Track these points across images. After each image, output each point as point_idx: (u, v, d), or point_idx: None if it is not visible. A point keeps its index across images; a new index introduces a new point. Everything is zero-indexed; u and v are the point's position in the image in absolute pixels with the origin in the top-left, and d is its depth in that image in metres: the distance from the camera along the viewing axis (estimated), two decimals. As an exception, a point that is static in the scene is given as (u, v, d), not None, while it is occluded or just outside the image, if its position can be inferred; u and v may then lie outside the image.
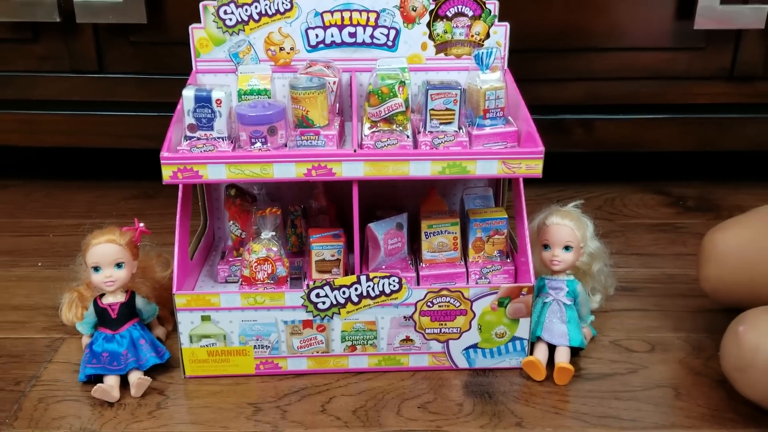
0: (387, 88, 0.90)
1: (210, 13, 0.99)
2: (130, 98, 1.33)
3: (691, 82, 1.29)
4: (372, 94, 0.91)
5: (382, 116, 0.91)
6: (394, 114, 0.91)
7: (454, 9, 0.99)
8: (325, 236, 0.93)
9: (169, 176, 0.85)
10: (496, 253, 0.98)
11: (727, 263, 0.95)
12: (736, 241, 0.95)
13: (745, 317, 0.84)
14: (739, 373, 0.82)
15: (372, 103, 0.91)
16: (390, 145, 0.89)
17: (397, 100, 0.90)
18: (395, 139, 0.90)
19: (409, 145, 0.90)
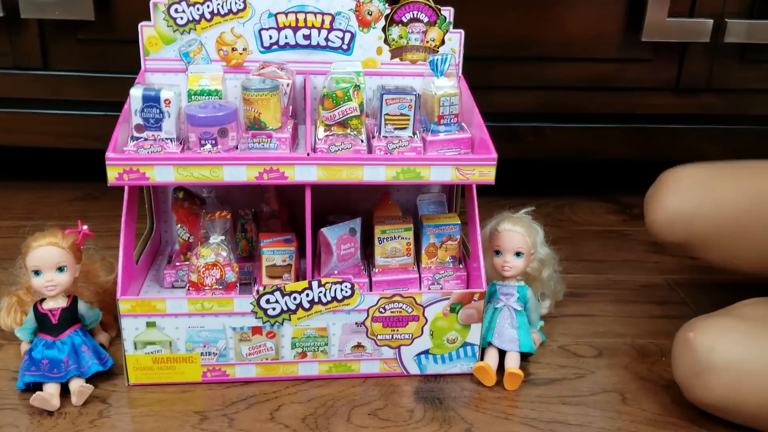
0: (342, 91, 0.90)
1: (160, 11, 0.97)
2: (76, 97, 1.29)
3: (638, 92, 1.32)
4: (326, 98, 0.90)
5: (336, 120, 0.90)
6: (349, 118, 0.90)
7: (409, 14, 0.99)
8: (276, 241, 0.92)
9: (114, 178, 0.83)
10: (449, 258, 0.98)
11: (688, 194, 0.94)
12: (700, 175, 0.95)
13: (693, 324, 0.84)
14: (695, 379, 0.82)
15: (326, 107, 0.90)
16: (344, 150, 0.89)
17: (351, 104, 0.90)
18: (349, 144, 0.89)
19: (363, 150, 0.89)
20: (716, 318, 0.85)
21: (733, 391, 0.80)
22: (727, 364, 0.79)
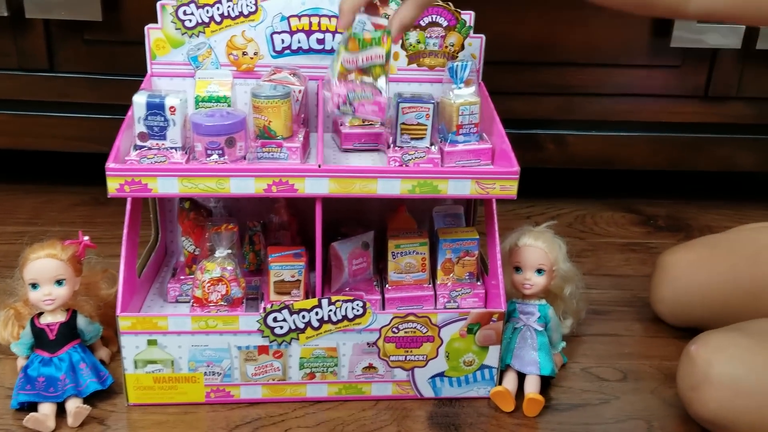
0: (370, 35, 0.79)
1: (168, 13, 0.93)
2: (82, 99, 1.25)
3: (665, 100, 1.27)
4: (352, 38, 0.79)
5: (358, 65, 0.80)
6: (372, 65, 0.80)
7: (428, 18, 0.94)
8: (285, 255, 0.88)
9: (115, 189, 0.79)
10: (466, 275, 0.93)
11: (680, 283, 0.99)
12: (686, 262, 1.00)
13: (699, 337, 0.84)
14: (693, 392, 0.81)
15: (350, 48, 0.79)
16: (365, 99, 0.80)
17: (378, 49, 0.79)
18: (370, 92, 0.80)
19: (383, 102, 0.81)
20: (720, 333, 0.84)
21: (728, 408, 0.79)
22: (723, 380, 0.79)
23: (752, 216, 1.38)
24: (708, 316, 0.98)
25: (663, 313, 1.03)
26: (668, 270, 1.01)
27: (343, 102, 0.80)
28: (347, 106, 0.80)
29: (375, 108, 0.81)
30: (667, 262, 1.02)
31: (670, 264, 1.01)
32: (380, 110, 0.81)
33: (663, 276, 1.01)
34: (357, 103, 0.80)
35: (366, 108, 0.80)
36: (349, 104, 0.80)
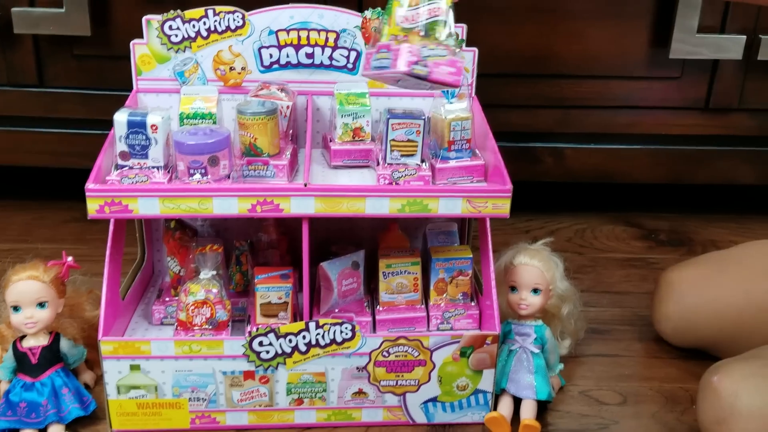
0: None
1: (154, 28, 0.91)
2: (72, 114, 1.23)
3: (665, 112, 1.24)
4: None
5: (420, 22, 0.67)
6: (435, 22, 0.67)
7: (419, 30, 0.92)
8: (271, 276, 0.85)
9: (95, 210, 0.77)
10: (460, 295, 0.91)
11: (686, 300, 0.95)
12: (693, 279, 0.96)
13: (719, 367, 0.80)
14: (719, 426, 0.77)
15: (411, 3, 0.66)
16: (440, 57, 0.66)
17: (441, 2, 0.66)
18: (444, 51, 0.66)
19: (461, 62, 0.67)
20: (741, 362, 0.80)
21: None
22: (752, 411, 0.75)
23: (755, 229, 1.35)
24: (716, 336, 0.94)
25: (666, 332, 0.99)
26: (673, 287, 0.97)
27: (415, 61, 0.65)
28: (422, 67, 0.66)
29: (453, 69, 0.67)
30: (672, 278, 0.97)
31: (676, 280, 0.97)
32: (458, 72, 0.67)
33: (668, 293, 0.97)
34: (432, 62, 0.66)
35: (442, 69, 0.66)
36: (423, 64, 0.66)
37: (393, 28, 0.67)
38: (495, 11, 1.15)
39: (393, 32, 0.67)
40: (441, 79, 0.67)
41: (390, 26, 0.68)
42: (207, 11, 0.91)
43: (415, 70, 0.66)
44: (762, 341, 0.88)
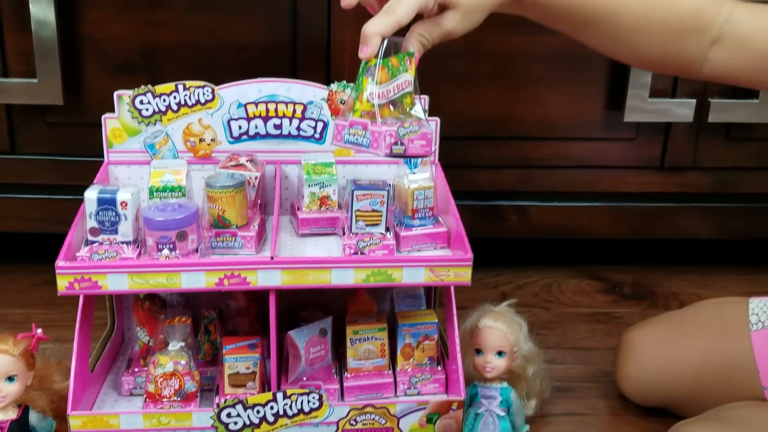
0: (397, 60, 0.69)
1: (125, 103, 0.94)
2: (44, 181, 1.24)
3: (623, 171, 1.29)
4: (383, 67, 0.69)
5: (390, 97, 0.71)
6: (403, 95, 0.71)
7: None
8: (239, 347, 0.86)
9: (64, 287, 0.78)
10: (426, 360, 0.92)
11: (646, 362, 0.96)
12: (652, 339, 0.97)
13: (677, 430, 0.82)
14: None
15: (381, 79, 0.69)
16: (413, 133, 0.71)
17: (407, 76, 0.70)
18: (416, 126, 0.71)
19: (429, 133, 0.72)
20: (700, 424, 0.82)
21: None
22: None
23: (717, 281, 1.39)
24: (676, 396, 0.96)
25: (628, 391, 1.00)
26: (634, 347, 0.99)
27: (394, 142, 0.70)
28: (399, 146, 0.70)
29: (423, 142, 0.72)
30: (633, 339, 1.00)
31: (636, 341, 0.99)
32: (428, 144, 0.73)
33: (628, 353, 0.99)
34: (407, 140, 0.71)
35: (415, 144, 0.71)
36: (400, 143, 0.70)
37: (364, 104, 0.71)
38: (456, 78, 1.20)
39: (364, 108, 0.71)
40: (415, 153, 0.73)
41: (361, 102, 0.71)
42: (177, 86, 0.94)
43: (394, 150, 0.71)
44: (721, 401, 0.90)
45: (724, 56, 0.72)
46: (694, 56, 0.73)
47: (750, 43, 0.71)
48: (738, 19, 0.72)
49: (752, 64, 0.72)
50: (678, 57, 0.74)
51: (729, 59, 0.72)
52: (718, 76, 0.75)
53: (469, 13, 0.69)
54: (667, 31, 0.73)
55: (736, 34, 0.71)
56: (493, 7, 0.72)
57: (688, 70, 0.75)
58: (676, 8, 0.73)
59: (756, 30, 0.71)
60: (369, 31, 0.66)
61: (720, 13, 0.72)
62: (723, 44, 0.72)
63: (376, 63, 0.69)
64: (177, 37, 1.12)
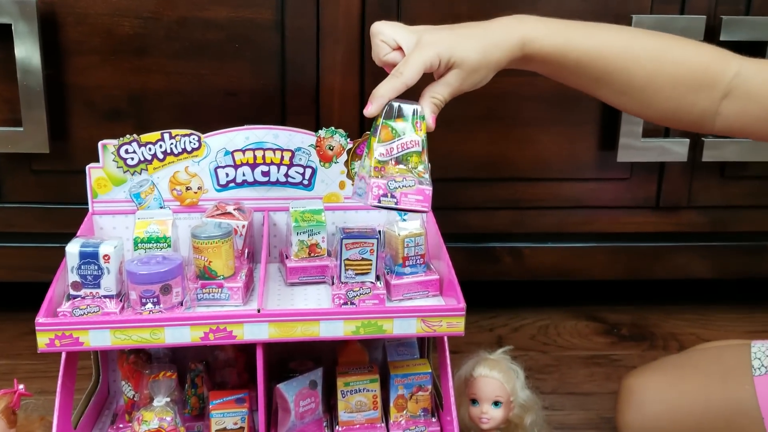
0: (403, 121, 0.73)
1: (110, 152, 0.92)
2: (30, 229, 1.22)
3: (618, 211, 1.27)
4: (384, 127, 0.74)
5: (394, 155, 0.74)
6: (408, 153, 0.75)
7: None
8: (227, 401, 0.84)
9: (45, 344, 0.76)
10: (420, 411, 0.90)
11: (647, 408, 0.94)
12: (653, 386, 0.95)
13: None
14: None
15: (383, 138, 0.73)
16: (407, 187, 0.73)
17: (413, 136, 0.74)
18: (412, 181, 0.74)
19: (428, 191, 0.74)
20: None
21: None
22: None
23: (716, 321, 1.37)
24: None
25: None
26: (634, 394, 0.97)
27: (383, 194, 0.73)
28: (389, 198, 0.73)
29: (420, 197, 0.73)
30: (633, 385, 0.98)
31: (636, 387, 0.97)
32: (425, 199, 0.74)
33: (628, 400, 0.97)
34: (399, 193, 0.73)
35: (409, 198, 0.73)
36: (390, 195, 0.73)
37: (373, 161, 0.74)
38: (447, 119, 1.17)
39: (374, 164, 0.74)
40: (409, 208, 0.74)
41: (370, 159, 0.74)
42: (163, 135, 0.93)
43: (383, 201, 0.73)
44: None
45: (735, 110, 0.73)
46: (706, 111, 0.73)
47: (760, 97, 0.72)
48: (747, 74, 0.72)
49: (763, 118, 0.72)
50: (690, 112, 0.74)
51: (740, 113, 0.73)
52: (730, 130, 0.75)
53: (473, 71, 0.71)
54: (677, 87, 0.73)
55: (746, 89, 0.72)
56: (500, 65, 0.72)
57: (701, 124, 0.75)
58: (686, 64, 0.74)
59: (764, 83, 0.72)
60: (377, 92, 0.70)
61: (729, 68, 0.73)
62: (733, 98, 0.72)
63: (381, 122, 0.73)
64: (164, 84, 1.12)
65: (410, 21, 1.10)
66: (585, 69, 0.74)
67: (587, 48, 0.72)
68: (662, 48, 0.74)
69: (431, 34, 0.71)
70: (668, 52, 0.74)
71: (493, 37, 0.71)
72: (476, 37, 0.71)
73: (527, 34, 0.71)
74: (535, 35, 0.72)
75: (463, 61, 0.69)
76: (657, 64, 0.73)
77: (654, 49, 0.74)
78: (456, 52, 0.69)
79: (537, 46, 0.72)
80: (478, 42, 0.70)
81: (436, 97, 0.72)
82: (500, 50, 0.71)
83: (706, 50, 0.75)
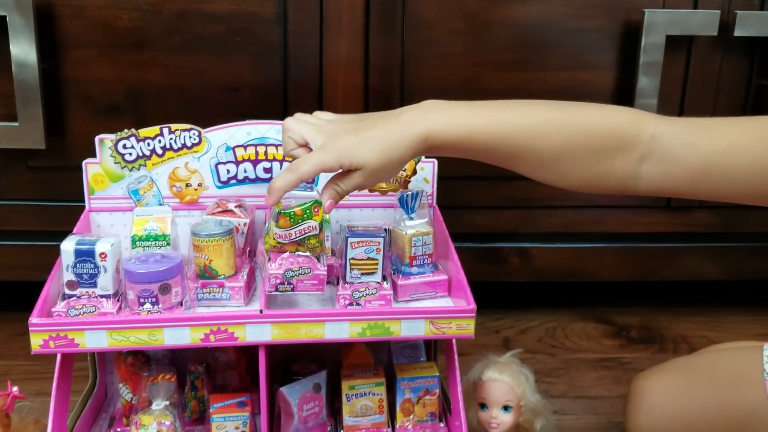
0: (301, 209, 0.78)
1: (107, 147, 0.89)
2: (25, 227, 1.20)
3: (628, 210, 1.25)
4: (282, 216, 0.78)
5: (292, 239, 0.79)
6: (306, 237, 0.79)
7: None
8: (228, 405, 0.81)
9: (39, 346, 0.73)
10: (428, 416, 0.87)
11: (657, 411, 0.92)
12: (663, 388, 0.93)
13: None
14: None
15: (282, 225, 0.78)
16: (302, 275, 0.78)
17: (311, 222, 0.79)
18: (308, 267, 0.78)
19: (322, 274, 0.79)
20: None
21: None
22: None
23: (726, 323, 1.34)
24: None
25: None
26: (644, 396, 0.94)
27: (280, 282, 0.78)
28: (286, 285, 0.79)
29: (315, 282, 0.79)
30: (643, 387, 0.95)
31: (646, 389, 0.94)
32: (320, 283, 0.80)
33: (639, 403, 0.94)
34: (296, 281, 0.78)
35: (305, 283, 0.79)
36: (287, 283, 0.78)
37: (272, 239, 0.79)
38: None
39: (272, 242, 0.79)
40: (305, 291, 0.80)
41: (270, 237, 0.80)
42: (162, 129, 0.90)
43: (279, 288, 0.79)
44: None
45: (657, 172, 0.72)
46: (626, 174, 0.72)
47: (680, 159, 0.70)
48: (663, 136, 0.71)
49: (688, 179, 0.71)
50: (609, 177, 0.73)
51: (662, 175, 0.72)
52: (657, 191, 0.74)
53: (375, 172, 0.72)
54: (590, 155, 0.72)
55: (665, 151, 0.71)
56: (403, 161, 0.73)
57: (625, 188, 0.74)
58: (596, 132, 0.73)
59: (682, 145, 0.70)
60: (274, 185, 0.73)
61: (644, 131, 0.71)
62: (652, 161, 0.71)
63: (278, 211, 0.78)
64: (163, 78, 1.09)
65: (415, 14, 1.10)
66: (494, 151, 0.74)
67: (493, 132, 0.72)
68: (570, 119, 0.73)
69: (335, 139, 0.73)
70: (576, 122, 0.73)
71: (395, 137, 0.71)
72: (376, 140, 0.72)
73: (428, 128, 0.72)
74: (436, 128, 0.72)
75: (365, 165, 0.71)
76: (566, 137, 0.72)
77: (561, 122, 0.73)
78: (356, 158, 0.71)
79: (440, 138, 0.72)
80: (378, 145, 0.71)
81: (339, 187, 0.74)
82: (402, 148, 0.71)
83: (618, 114, 0.74)
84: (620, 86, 1.16)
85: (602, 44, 1.14)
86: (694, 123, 0.72)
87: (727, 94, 1.17)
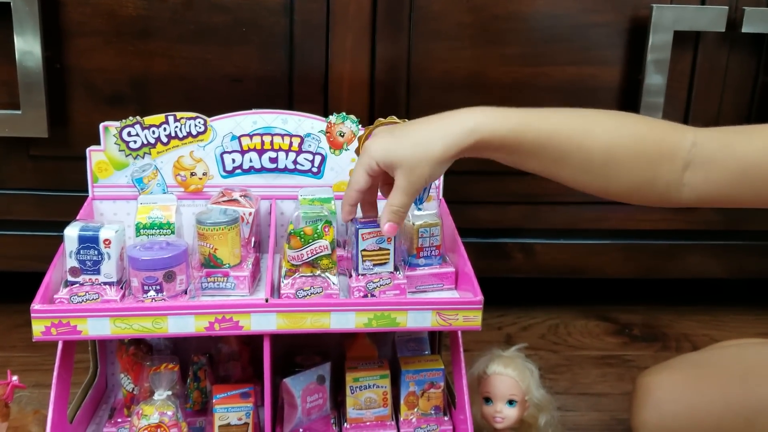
0: (311, 228, 0.79)
1: (112, 134, 0.88)
2: (27, 217, 1.19)
3: (632, 207, 1.22)
4: (293, 236, 0.79)
5: (304, 260, 0.79)
6: (319, 257, 0.80)
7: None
8: (231, 396, 0.80)
9: (40, 332, 0.72)
10: (432, 409, 0.86)
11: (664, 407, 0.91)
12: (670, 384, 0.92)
13: None
14: None
15: (293, 246, 0.79)
16: (314, 294, 0.78)
17: (322, 242, 0.79)
18: (319, 287, 0.78)
19: (336, 294, 0.79)
20: None
21: None
22: None
23: (729, 322, 1.34)
24: None
25: None
26: (650, 393, 0.93)
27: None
28: None
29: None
30: (648, 383, 0.94)
31: (652, 386, 0.93)
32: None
33: (644, 399, 0.93)
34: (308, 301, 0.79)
35: None
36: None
37: (287, 265, 0.80)
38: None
39: (287, 266, 0.80)
40: None
41: (285, 261, 0.81)
42: (167, 117, 0.89)
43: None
44: None
45: (699, 179, 0.72)
46: (670, 183, 0.73)
47: (720, 162, 0.71)
48: (703, 142, 0.72)
49: (728, 182, 0.71)
50: (654, 185, 0.73)
51: (705, 181, 0.72)
52: (699, 200, 0.74)
53: (414, 167, 0.71)
54: (638, 160, 0.73)
55: (705, 156, 0.71)
56: (446, 155, 0.72)
57: (668, 198, 0.74)
58: (643, 137, 0.73)
59: (721, 148, 0.71)
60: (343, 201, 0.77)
61: (685, 139, 0.72)
62: (695, 168, 0.72)
63: (290, 231, 0.79)
64: (168, 68, 1.08)
65: (422, 6, 1.09)
66: (543, 150, 0.73)
67: (543, 129, 0.72)
68: (618, 123, 0.74)
69: (374, 140, 0.73)
70: (624, 127, 0.74)
71: (434, 131, 0.71)
72: (412, 135, 0.72)
73: (478, 121, 0.71)
74: (486, 121, 0.71)
75: (401, 161, 0.71)
76: (615, 140, 0.72)
77: (610, 125, 0.73)
78: (390, 153, 0.71)
79: (489, 130, 0.71)
80: (413, 139, 0.71)
81: (393, 204, 0.73)
82: (443, 141, 0.71)
83: (660, 124, 0.75)
84: (627, 82, 1.16)
85: (610, 40, 1.13)
86: (732, 128, 0.73)
87: (734, 91, 1.17)
